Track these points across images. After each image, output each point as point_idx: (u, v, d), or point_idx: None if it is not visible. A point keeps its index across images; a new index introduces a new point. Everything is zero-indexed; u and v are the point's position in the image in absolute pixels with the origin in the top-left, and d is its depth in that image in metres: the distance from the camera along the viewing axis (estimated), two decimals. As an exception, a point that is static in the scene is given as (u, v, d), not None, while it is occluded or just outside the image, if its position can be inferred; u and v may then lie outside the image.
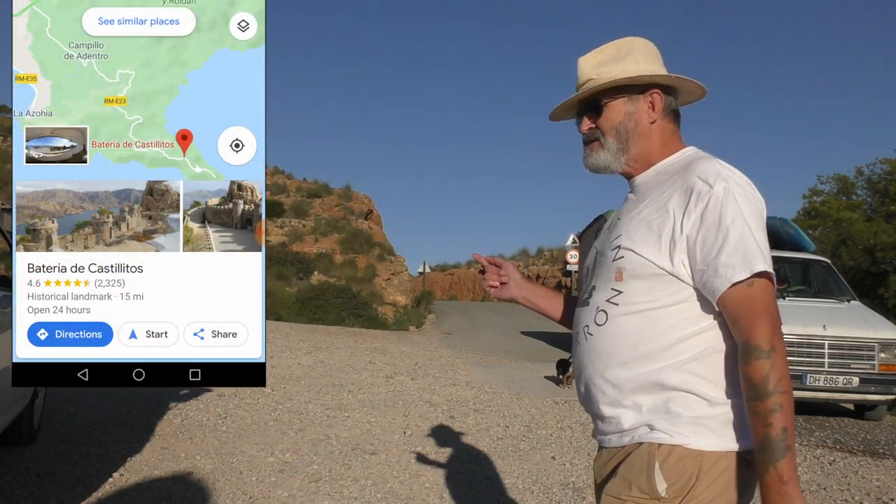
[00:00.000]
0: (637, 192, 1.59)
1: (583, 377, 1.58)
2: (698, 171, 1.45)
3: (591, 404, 1.56)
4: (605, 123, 1.58)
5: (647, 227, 1.47)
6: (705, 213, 1.40)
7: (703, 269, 1.40)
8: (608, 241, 1.56)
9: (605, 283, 1.52)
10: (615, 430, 1.51)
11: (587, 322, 1.55)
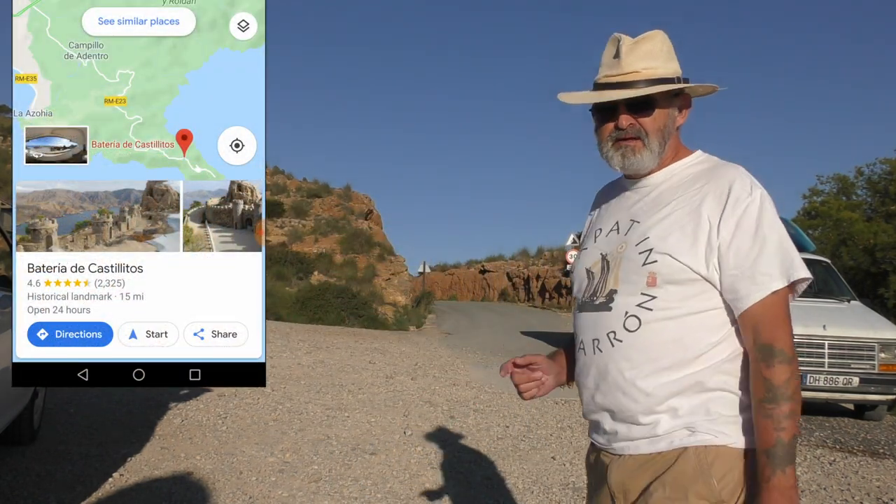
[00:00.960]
0: (647, 192, 1.56)
1: (605, 384, 1.51)
2: (730, 176, 1.47)
3: (620, 412, 1.49)
4: (653, 124, 1.51)
5: (680, 231, 1.45)
6: (742, 220, 1.42)
7: (736, 275, 1.42)
8: (626, 243, 1.51)
9: (633, 288, 1.47)
10: (646, 435, 1.46)
11: (612, 328, 1.49)
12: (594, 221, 1.70)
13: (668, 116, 1.53)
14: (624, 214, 1.57)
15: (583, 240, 1.73)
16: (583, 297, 1.57)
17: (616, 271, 1.50)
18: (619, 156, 1.53)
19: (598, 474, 1.60)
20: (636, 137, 1.51)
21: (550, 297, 31.87)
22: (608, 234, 1.57)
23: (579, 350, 1.58)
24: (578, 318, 1.59)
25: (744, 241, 1.42)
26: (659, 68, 1.50)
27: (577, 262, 1.64)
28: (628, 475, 1.49)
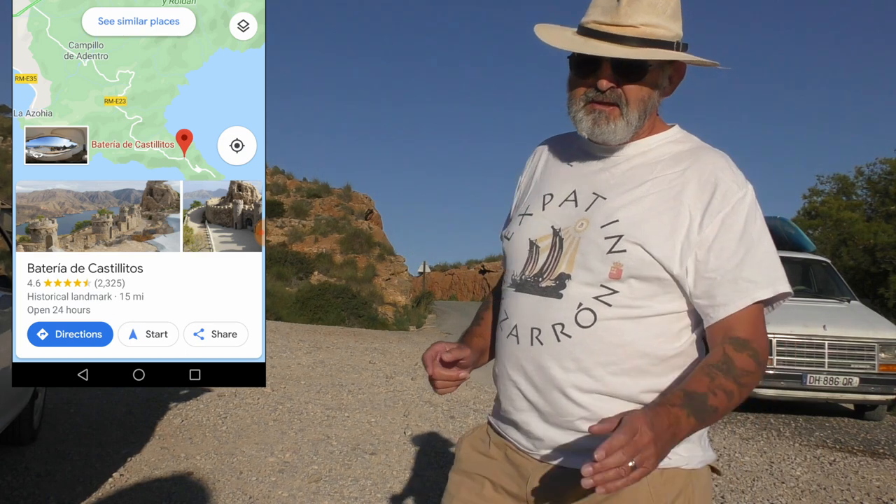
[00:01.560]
0: (616, 163, 1.34)
1: (542, 382, 1.30)
2: (718, 164, 1.28)
3: (556, 415, 1.29)
4: (637, 93, 1.27)
5: (657, 219, 1.25)
6: (730, 217, 1.24)
7: (714, 279, 1.24)
8: (587, 221, 1.29)
9: (592, 277, 1.26)
10: (588, 447, 1.17)
11: (560, 320, 1.27)
12: (540, 179, 1.43)
13: (655, 87, 1.30)
14: (584, 183, 1.34)
15: (523, 197, 1.44)
16: (523, 276, 1.33)
17: (571, 253, 1.27)
18: (590, 120, 1.29)
19: (502, 470, 1.40)
20: (614, 104, 1.28)
21: (550, 297, 31.76)
22: (562, 203, 1.34)
23: (509, 336, 1.34)
24: (512, 297, 1.35)
25: (729, 242, 1.24)
26: (660, 27, 1.25)
27: (516, 228, 1.37)
28: (555, 492, 1.30)
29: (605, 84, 1.26)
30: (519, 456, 1.38)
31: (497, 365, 1.42)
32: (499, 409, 1.45)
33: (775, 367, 7.25)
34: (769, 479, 5.16)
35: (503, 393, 1.40)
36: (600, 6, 1.27)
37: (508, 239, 1.37)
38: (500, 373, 1.40)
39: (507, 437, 1.41)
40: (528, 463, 1.35)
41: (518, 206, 1.45)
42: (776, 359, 7.25)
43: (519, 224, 1.37)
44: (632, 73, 1.26)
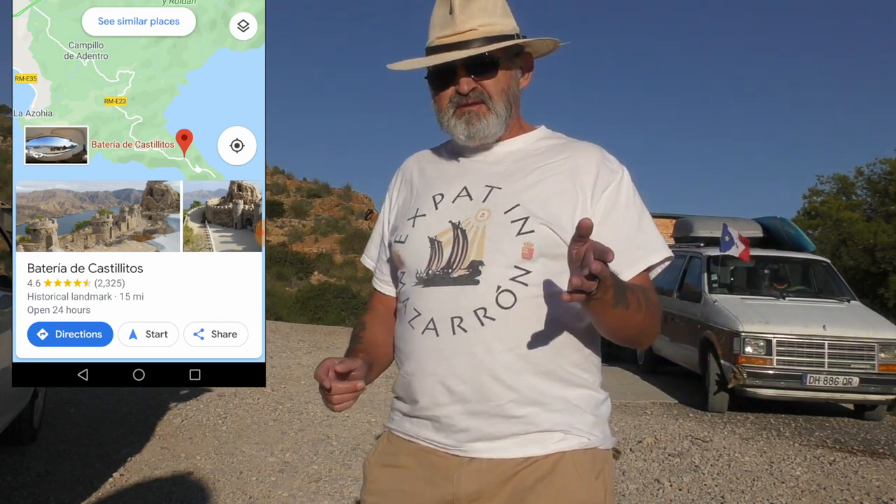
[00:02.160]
0: (498, 159, 1.41)
1: (467, 369, 1.30)
2: (597, 149, 1.40)
3: (484, 402, 1.30)
4: (496, 86, 1.36)
5: (556, 199, 1.32)
6: (618, 194, 1.35)
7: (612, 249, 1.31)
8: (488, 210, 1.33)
9: (505, 259, 1.30)
10: (516, 432, 1.29)
11: (482, 304, 1.28)
12: (421, 186, 1.46)
13: (511, 78, 1.39)
14: (474, 179, 1.39)
15: (406, 207, 1.47)
16: (431, 271, 1.34)
17: (479, 240, 1.31)
18: (464, 123, 1.36)
19: (418, 477, 1.38)
20: (480, 102, 1.36)
21: (550, 297, 31.79)
22: (455, 199, 1.37)
23: (425, 331, 1.34)
24: (421, 293, 1.35)
25: (618, 215, 1.34)
26: (497, 24, 1.35)
27: (410, 230, 1.39)
28: (486, 483, 1.30)
29: (467, 84, 1.35)
30: (437, 457, 1.36)
31: (408, 364, 1.40)
32: (409, 411, 1.41)
33: (775, 367, 7.25)
34: (769, 479, 5.16)
35: (419, 392, 1.37)
36: (437, 24, 1.37)
37: (402, 242, 1.38)
38: (415, 371, 1.37)
39: (419, 440, 1.39)
40: (449, 462, 1.34)
41: (401, 215, 1.47)
42: (776, 359, 7.25)
43: (413, 226, 1.39)
44: (486, 69, 1.35)
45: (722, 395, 7.57)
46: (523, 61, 1.42)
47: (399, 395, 1.45)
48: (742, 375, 7.20)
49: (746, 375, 7.20)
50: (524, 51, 1.42)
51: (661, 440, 6.14)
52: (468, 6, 1.35)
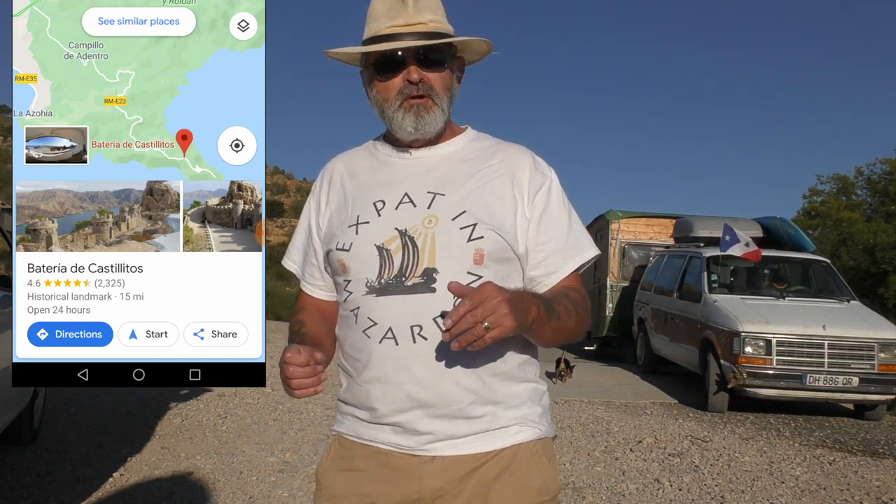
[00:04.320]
0: (433, 164, 1.43)
1: (429, 376, 1.33)
2: (526, 153, 1.45)
3: (446, 406, 1.34)
4: (442, 82, 1.39)
5: (497, 205, 1.37)
6: (549, 197, 1.40)
7: (543, 250, 1.38)
8: (435, 217, 1.35)
9: (458, 266, 1.33)
10: (477, 430, 1.35)
11: (440, 311, 1.31)
12: (356, 191, 1.46)
13: (451, 77, 1.42)
14: (413, 185, 1.40)
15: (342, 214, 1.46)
16: (383, 279, 1.35)
17: (430, 248, 1.33)
18: (412, 115, 1.37)
19: (377, 479, 1.40)
20: (426, 95, 1.37)
21: (550, 297, 31.83)
22: (398, 206, 1.38)
23: (383, 340, 1.35)
24: (376, 303, 1.36)
25: (551, 217, 1.39)
26: (443, 23, 1.39)
27: (354, 237, 1.39)
28: (450, 479, 1.35)
29: (416, 75, 1.36)
30: (396, 458, 1.38)
31: (365, 374, 1.40)
32: (367, 418, 1.42)
33: (775, 367, 7.25)
34: (769, 479, 5.16)
35: (380, 399, 1.38)
36: (384, 15, 1.39)
37: (346, 250, 1.38)
38: (374, 379, 1.38)
39: (376, 443, 1.40)
40: (409, 461, 1.37)
41: (338, 221, 1.46)
42: (776, 359, 7.25)
43: (356, 233, 1.39)
44: (435, 63, 1.37)
45: (722, 395, 7.57)
46: (457, 64, 1.46)
47: (351, 402, 1.45)
48: (742, 375, 7.20)
49: (746, 375, 7.20)
50: (457, 55, 1.45)
51: (661, 440, 6.14)
52: (420, 1, 1.37)
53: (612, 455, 5.58)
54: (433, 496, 1.36)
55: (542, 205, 1.40)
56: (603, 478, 4.99)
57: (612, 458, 5.51)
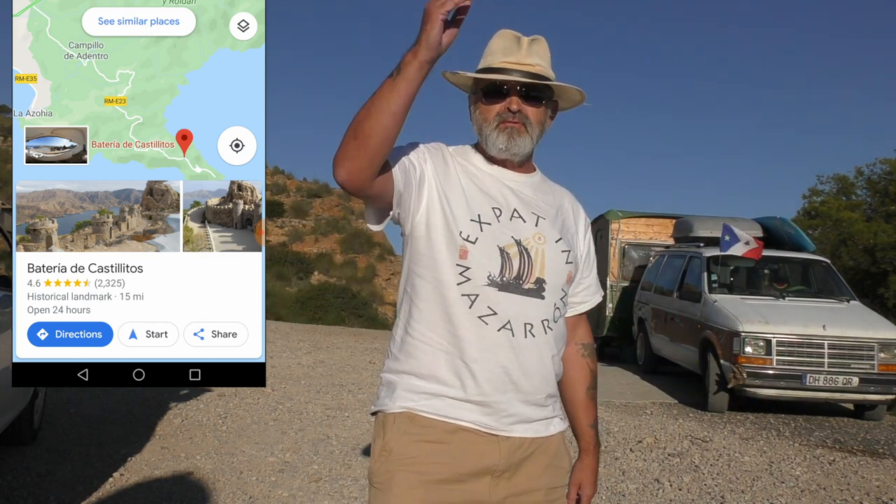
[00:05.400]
0: (529, 189, 1.64)
1: (529, 367, 1.56)
2: (574, 196, 1.76)
3: (533, 395, 1.58)
4: (537, 116, 1.60)
5: (572, 238, 1.67)
6: (590, 243, 1.75)
7: (581, 283, 1.72)
8: (542, 236, 1.59)
9: (557, 282, 1.60)
10: (543, 417, 1.62)
11: (546, 317, 1.58)
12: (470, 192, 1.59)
13: (545, 114, 1.63)
14: (520, 205, 1.60)
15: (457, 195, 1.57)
16: (504, 278, 1.55)
17: (541, 261, 1.57)
18: (505, 136, 1.57)
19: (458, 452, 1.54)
20: (521, 123, 1.58)
21: (550, 297, 31.85)
22: (511, 219, 1.57)
23: (501, 329, 1.53)
24: (498, 296, 1.54)
25: (591, 255, 1.74)
26: (546, 69, 1.60)
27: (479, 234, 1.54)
28: (518, 456, 1.58)
29: (516, 105, 1.57)
30: (477, 436, 1.55)
31: (473, 353, 1.54)
32: (457, 394, 1.55)
33: (775, 367, 7.25)
34: (769, 479, 5.16)
35: (484, 377, 1.53)
36: (500, 51, 1.58)
37: (473, 242, 1.54)
38: (483, 359, 1.54)
39: (461, 420, 1.54)
40: (488, 440, 1.55)
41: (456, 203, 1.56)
42: (776, 359, 7.25)
43: (481, 230, 1.55)
44: (534, 99, 1.59)
45: (722, 395, 7.57)
46: (553, 107, 1.67)
47: (436, 378, 1.55)
48: (742, 375, 7.20)
49: (746, 375, 7.20)
50: (553, 98, 1.66)
51: (661, 440, 6.15)
52: (533, 46, 1.59)
53: (612, 455, 5.58)
54: (502, 469, 1.57)
55: (587, 246, 1.73)
56: (603, 478, 5.00)
57: (612, 458, 5.51)
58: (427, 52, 1.34)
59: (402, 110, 1.38)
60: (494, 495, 1.56)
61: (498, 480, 1.56)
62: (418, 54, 1.34)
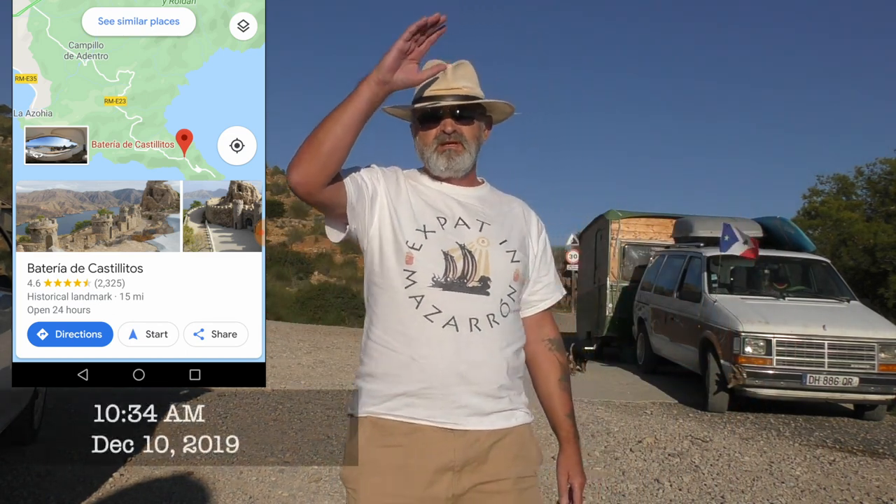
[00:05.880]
0: (475, 202, 1.76)
1: (477, 359, 1.64)
2: (527, 204, 1.88)
3: (484, 385, 1.65)
4: (471, 132, 1.74)
5: (522, 240, 1.77)
6: (546, 244, 1.86)
7: (540, 281, 1.81)
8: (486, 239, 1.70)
9: (504, 279, 1.70)
10: (500, 409, 1.68)
11: (491, 311, 1.67)
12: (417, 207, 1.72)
13: (480, 129, 1.77)
14: (465, 214, 1.73)
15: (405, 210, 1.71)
16: (448, 278, 1.67)
17: (485, 261, 1.68)
18: (445, 157, 1.71)
19: (414, 453, 1.63)
20: (458, 142, 1.72)
21: (550, 297, 31.87)
22: (456, 226, 1.70)
23: (446, 326, 1.64)
24: (443, 295, 1.65)
25: (545, 258, 1.84)
26: (475, 89, 1.74)
27: (423, 241, 1.68)
28: (477, 450, 1.65)
29: (450, 127, 1.71)
30: (433, 433, 1.63)
31: (421, 349, 1.64)
32: (411, 390, 1.64)
33: (775, 366, 7.25)
34: (769, 479, 5.16)
35: (432, 372, 1.63)
36: (432, 81, 1.71)
37: (417, 249, 1.67)
38: (430, 355, 1.64)
39: (416, 419, 1.64)
40: (445, 435, 1.63)
41: (404, 217, 1.71)
42: (776, 359, 7.25)
43: (425, 238, 1.68)
44: (466, 118, 1.73)
45: (722, 395, 7.57)
46: (486, 122, 1.82)
47: (391, 377, 1.66)
48: (742, 375, 7.20)
49: (746, 375, 7.20)
50: (487, 114, 1.81)
51: (661, 440, 6.15)
52: (458, 70, 1.74)
53: (612, 455, 5.58)
54: (463, 464, 1.63)
55: (543, 247, 1.83)
56: (603, 478, 5.00)
57: (612, 458, 5.51)
58: (377, 73, 1.50)
59: (352, 123, 1.52)
60: (458, 488, 1.64)
61: (460, 474, 1.64)
62: (371, 75, 1.51)
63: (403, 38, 1.50)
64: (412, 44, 1.52)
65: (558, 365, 1.84)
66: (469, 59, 1.79)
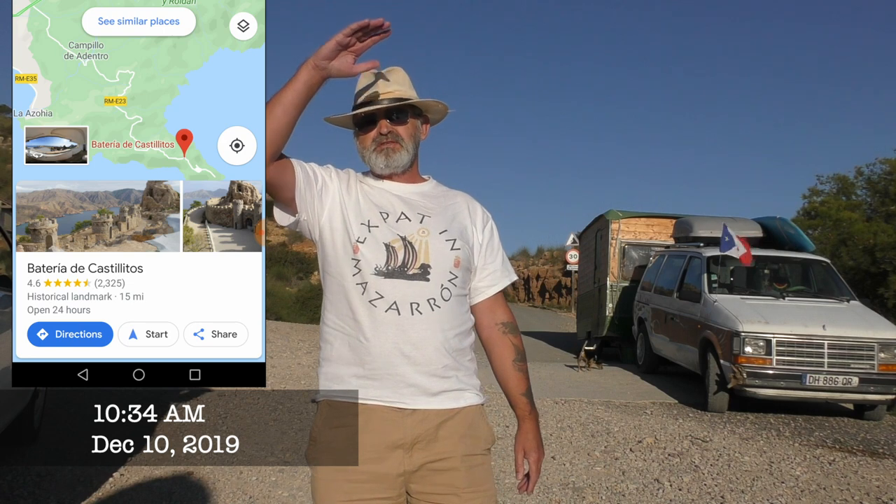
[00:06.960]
0: (417, 197, 1.87)
1: (421, 341, 1.74)
2: (472, 197, 1.98)
3: (429, 365, 1.75)
4: (407, 131, 1.86)
5: (465, 229, 1.88)
6: (493, 232, 1.95)
7: (487, 268, 1.90)
8: (426, 230, 1.81)
9: (443, 266, 1.79)
10: (447, 389, 1.77)
11: (432, 296, 1.77)
12: (364, 204, 1.85)
13: (416, 128, 1.89)
14: (407, 209, 1.84)
15: (355, 207, 1.84)
16: (389, 267, 1.78)
17: (425, 250, 1.79)
18: (383, 156, 1.83)
19: (367, 432, 1.74)
20: (394, 141, 1.84)
21: (550, 296, 31.87)
22: (398, 220, 1.81)
23: (388, 310, 1.75)
24: (385, 282, 1.77)
25: (492, 245, 1.93)
26: (407, 91, 1.87)
27: (367, 234, 1.80)
28: (425, 428, 1.75)
29: (385, 128, 1.84)
30: (384, 412, 1.74)
31: (368, 333, 1.76)
32: (361, 372, 1.76)
33: (775, 366, 7.25)
34: (769, 479, 5.16)
35: (378, 353, 1.75)
36: (364, 88, 1.86)
37: (362, 242, 1.79)
38: (376, 337, 1.76)
39: (368, 400, 1.75)
40: (394, 414, 1.74)
41: (352, 213, 1.83)
42: (776, 359, 7.25)
43: (369, 231, 1.80)
44: (399, 118, 1.85)
45: (722, 395, 7.57)
46: (424, 120, 1.94)
47: (345, 360, 1.80)
48: (742, 375, 7.20)
49: (746, 375, 7.20)
50: (423, 114, 1.94)
51: (661, 440, 6.15)
52: (390, 76, 1.86)
53: (612, 455, 5.59)
54: (413, 442, 1.74)
55: (488, 237, 1.93)
56: (603, 478, 5.00)
57: (612, 458, 5.51)
58: (314, 58, 1.59)
59: (290, 103, 1.60)
60: (409, 465, 1.74)
61: (411, 452, 1.74)
62: (309, 59, 1.60)
63: (343, 33, 1.59)
64: (353, 39, 1.60)
65: (512, 347, 1.92)
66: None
